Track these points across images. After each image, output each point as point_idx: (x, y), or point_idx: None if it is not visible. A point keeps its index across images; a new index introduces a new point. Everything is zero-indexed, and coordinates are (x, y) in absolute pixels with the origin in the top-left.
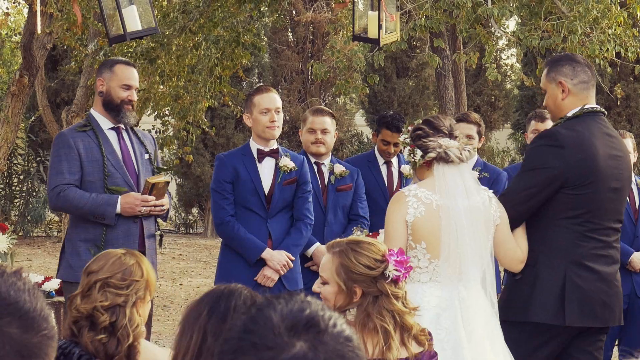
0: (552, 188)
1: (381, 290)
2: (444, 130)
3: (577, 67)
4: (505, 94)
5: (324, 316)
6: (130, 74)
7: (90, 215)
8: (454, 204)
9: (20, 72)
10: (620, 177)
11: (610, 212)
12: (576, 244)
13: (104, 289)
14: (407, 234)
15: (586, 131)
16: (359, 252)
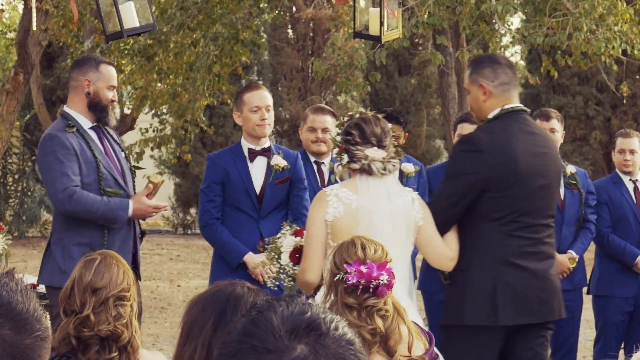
0: (475, 193)
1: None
2: (373, 140)
3: (498, 68)
4: None
5: (325, 319)
6: (114, 73)
7: (102, 219)
8: (375, 206)
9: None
10: (547, 173)
11: (538, 210)
12: (504, 243)
13: (116, 304)
14: (327, 232)
15: (505, 132)
16: (339, 249)
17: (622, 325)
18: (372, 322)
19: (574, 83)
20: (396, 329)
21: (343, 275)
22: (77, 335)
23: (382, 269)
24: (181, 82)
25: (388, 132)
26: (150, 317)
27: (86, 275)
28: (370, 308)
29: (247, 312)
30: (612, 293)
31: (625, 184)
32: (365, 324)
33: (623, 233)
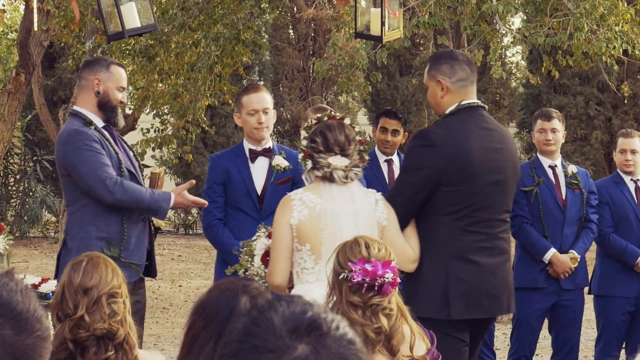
0: (430, 187)
1: (341, 293)
2: (336, 149)
3: (456, 65)
4: (510, 92)
5: (327, 319)
6: (124, 75)
7: (146, 209)
8: (339, 210)
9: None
10: (502, 169)
11: (493, 205)
12: (457, 238)
13: (109, 302)
14: (293, 236)
15: (460, 127)
16: (342, 248)
17: (623, 325)
18: (376, 321)
19: (575, 83)
20: (399, 328)
21: (348, 273)
22: (73, 339)
23: (386, 267)
24: (182, 82)
25: (353, 139)
26: (151, 317)
27: (75, 277)
28: (375, 307)
29: (248, 312)
30: (613, 293)
31: (627, 184)
32: (370, 322)
33: (624, 233)
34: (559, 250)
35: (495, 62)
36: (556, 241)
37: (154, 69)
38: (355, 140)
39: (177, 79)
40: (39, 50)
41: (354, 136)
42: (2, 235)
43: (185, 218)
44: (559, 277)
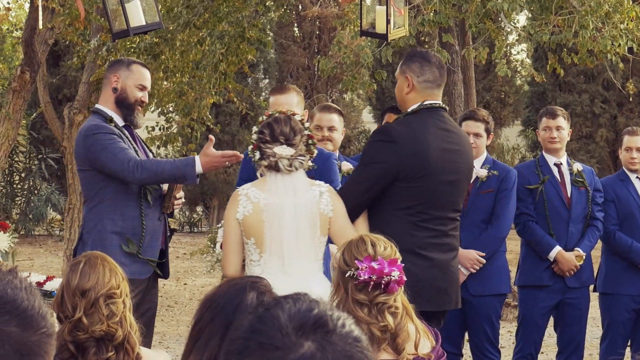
0: (386, 181)
1: (347, 291)
2: (281, 139)
3: (426, 66)
4: (515, 90)
5: (333, 316)
6: (147, 74)
7: (171, 178)
8: (280, 202)
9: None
10: (457, 170)
11: (446, 203)
12: (410, 233)
13: (107, 303)
14: (240, 230)
15: (420, 126)
16: (347, 246)
17: (628, 323)
18: (382, 319)
19: (580, 81)
20: (405, 327)
21: (354, 271)
22: (73, 340)
23: (393, 265)
24: (187, 80)
25: (299, 131)
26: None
27: (73, 279)
28: (381, 305)
29: (254, 310)
30: (618, 291)
31: (632, 182)
32: (376, 320)
33: (630, 231)
34: (564, 248)
35: (500, 60)
36: (561, 239)
37: (159, 67)
38: (302, 132)
39: (182, 77)
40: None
41: (300, 128)
42: (7, 233)
43: (191, 216)
44: (565, 275)
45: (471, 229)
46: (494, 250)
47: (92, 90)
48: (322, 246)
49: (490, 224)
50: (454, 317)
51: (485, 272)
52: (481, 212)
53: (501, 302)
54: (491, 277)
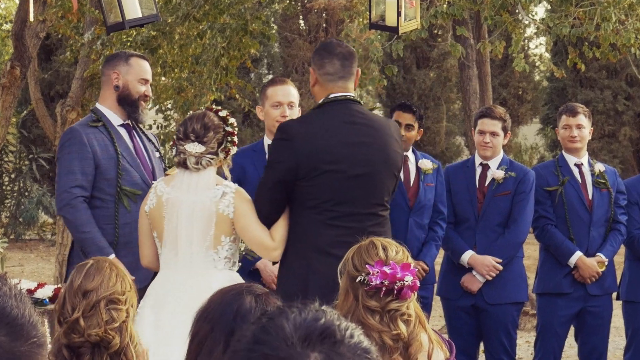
0: (287, 181)
1: (357, 298)
2: (192, 137)
3: (326, 58)
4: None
5: (340, 326)
6: (147, 67)
7: (81, 244)
8: (182, 198)
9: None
10: (367, 163)
11: (356, 199)
12: (318, 232)
13: (108, 308)
14: (149, 223)
15: (320, 121)
16: (357, 251)
17: None
18: (395, 327)
19: (602, 76)
20: (418, 336)
21: (365, 276)
22: (68, 343)
23: (406, 270)
24: (186, 76)
25: (210, 128)
26: None
27: (76, 279)
28: (393, 312)
29: (257, 319)
30: None
31: None
32: (388, 328)
33: None
34: (585, 253)
35: (518, 55)
36: (582, 244)
37: (156, 61)
38: (216, 130)
39: (181, 72)
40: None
41: (215, 125)
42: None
43: None
44: (586, 282)
45: (487, 233)
46: (511, 255)
47: (86, 87)
48: (227, 245)
49: (507, 228)
50: (468, 327)
51: (501, 279)
52: (497, 216)
53: (518, 311)
54: (508, 284)
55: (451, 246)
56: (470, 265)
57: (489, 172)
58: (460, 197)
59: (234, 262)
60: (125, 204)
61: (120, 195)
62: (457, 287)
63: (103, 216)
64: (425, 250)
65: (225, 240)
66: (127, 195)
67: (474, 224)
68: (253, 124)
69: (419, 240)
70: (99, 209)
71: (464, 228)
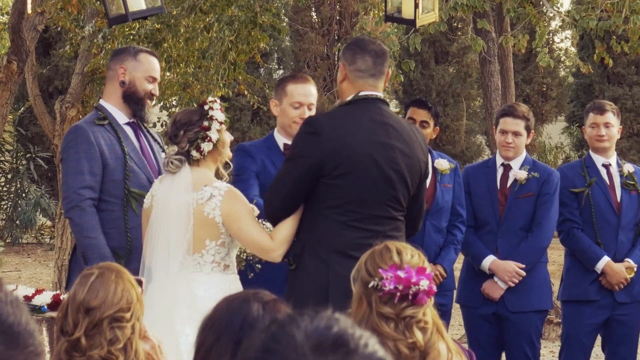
0: (311, 177)
1: (371, 305)
2: (167, 136)
3: (358, 54)
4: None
5: (354, 335)
6: (156, 64)
7: (83, 249)
8: (165, 198)
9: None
10: (394, 166)
11: (380, 201)
12: (340, 234)
13: (112, 325)
14: None
15: (350, 118)
16: (370, 255)
17: None
18: (410, 335)
19: (630, 72)
20: (435, 345)
21: (378, 281)
22: None
23: (421, 274)
24: (192, 71)
25: (182, 124)
26: None
27: (80, 293)
28: (408, 319)
29: (266, 328)
30: None
31: None
32: (403, 336)
33: None
34: (612, 258)
35: (542, 49)
36: (610, 248)
37: (161, 56)
38: (187, 127)
39: (186, 67)
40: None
41: (184, 123)
42: None
43: None
44: (613, 289)
45: (509, 237)
46: (535, 261)
47: (87, 82)
48: (213, 249)
49: (530, 232)
50: (489, 336)
51: (524, 285)
52: (520, 219)
53: (542, 319)
54: (531, 291)
55: (471, 251)
56: (492, 271)
57: (511, 173)
58: (480, 199)
59: (226, 266)
60: (134, 207)
61: (128, 197)
62: (477, 294)
63: (108, 220)
64: (443, 254)
65: (210, 245)
66: (135, 198)
67: (496, 228)
68: (262, 122)
69: (437, 245)
70: (105, 212)
71: (485, 232)
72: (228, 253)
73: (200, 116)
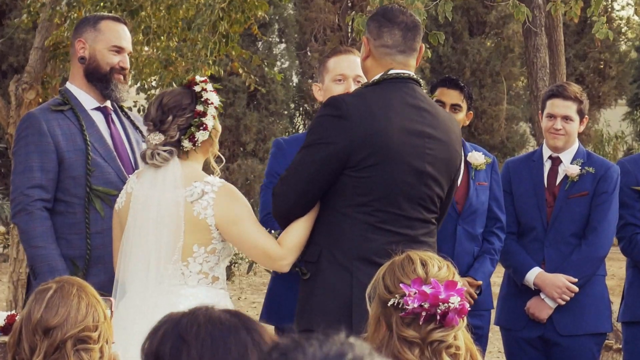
0: (334, 168)
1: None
2: (149, 125)
3: (385, 27)
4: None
5: None
6: (122, 32)
7: (31, 261)
8: (148, 196)
9: None
10: (430, 159)
11: (412, 199)
12: (366, 237)
13: (77, 348)
14: (119, 225)
15: (380, 100)
16: (389, 268)
17: None
18: None
19: None
20: None
21: (399, 299)
22: None
23: (451, 289)
24: (176, 45)
25: (171, 109)
26: None
27: (36, 311)
28: (437, 344)
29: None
30: None
31: None
32: None
33: None
34: None
35: (599, 18)
36: None
37: (137, 27)
38: (177, 112)
39: (168, 40)
40: None
41: (175, 107)
42: None
43: None
44: None
45: (558, 246)
46: (590, 274)
47: (48, 59)
48: (201, 257)
49: (584, 239)
50: None
51: (578, 304)
52: (572, 224)
53: (600, 344)
54: (586, 310)
55: (513, 262)
56: (538, 286)
57: (561, 168)
58: (524, 200)
59: (215, 278)
60: (98, 208)
61: (90, 197)
62: (520, 314)
63: (69, 224)
64: (477, 266)
65: (198, 252)
66: (100, 197)
67: (542, 235)
68: (260, 106)
69: (470, 255)
70: (64, 215)
71: (530, 239)
72: (218, 263)
73: (192, 99)
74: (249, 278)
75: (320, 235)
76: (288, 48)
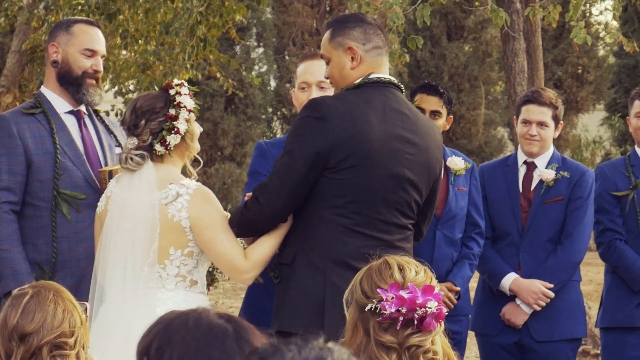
0: (315, 171)
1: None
2: (124, 129)
3: (370, 29)
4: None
5: None
6: (95, 35)
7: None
8: (124, 200)
9: None
10: (409, 163)
11: (389, 203)
12: (342, 240)
13: (53, 354)
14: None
15: (361, 103)
16: (367, 273)
17: None
18: None
19: None
20: None
21: (377, 304)
22: None
23: (428, 294)
24: (154, 49)
25: (144, 112)
26: None
27: (12, 317)
28: (414, 349)
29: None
30: None
31: None
32: None
33: None
34: None
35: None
36: None
37: (115, 30)
38: (150, 116)
39: (146, 44)
40: None
41: (147, 110)
42: None
43: None
44: None
45: (534, 251)
46: (566, 280)
47: (25, 62)
48: (178, 259)
49: (560, 244)
50: None
51: (553, 309)
52: (547, 229)
53: (575, 350)
54: (561, 316)
55: (488, 268)
56: (514, 292)
57: (536, 173)
58: (498, 205)
59: (193, 282)
60: (65, 212)
61: (57, 200)
62: (496, 320)
63: (36, 228)
64: (456, 270)
65: (175, 254)
66: (67, 201)
67: (518, 240)
68: (238, 110)
69: (449, 260)
70: (31, 218)
71: (505, 245)
72: (196, 266)
73: (165, 103)
74: (225, 283)
75: (296, 238)
76: (266, 52)
